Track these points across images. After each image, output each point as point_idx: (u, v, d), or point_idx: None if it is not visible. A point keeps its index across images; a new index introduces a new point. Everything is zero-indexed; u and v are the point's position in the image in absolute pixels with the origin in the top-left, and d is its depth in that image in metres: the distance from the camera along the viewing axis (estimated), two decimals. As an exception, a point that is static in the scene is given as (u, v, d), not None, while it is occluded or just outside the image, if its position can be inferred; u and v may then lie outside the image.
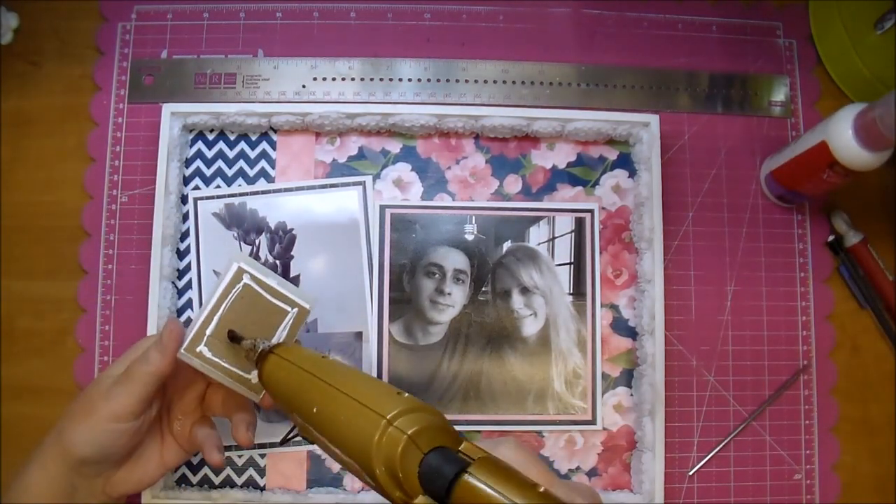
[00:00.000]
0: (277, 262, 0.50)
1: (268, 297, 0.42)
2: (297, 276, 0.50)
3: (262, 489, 0.48)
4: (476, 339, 0.50)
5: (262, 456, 0.49)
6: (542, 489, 0.23)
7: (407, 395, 0.28)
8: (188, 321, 0.50)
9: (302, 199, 0.51)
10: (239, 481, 0.48)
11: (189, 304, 0.50)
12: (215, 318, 0.41)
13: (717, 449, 0.51)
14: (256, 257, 0.50)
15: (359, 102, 0.52)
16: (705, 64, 0.55)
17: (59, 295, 0.51)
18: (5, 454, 0.48)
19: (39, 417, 0.42)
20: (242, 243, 0.51)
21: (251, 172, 0.52)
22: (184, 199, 0.51)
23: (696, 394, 0.51)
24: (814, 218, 0.54)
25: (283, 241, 0.51)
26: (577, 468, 0.50)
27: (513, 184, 0.52)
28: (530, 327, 0.51)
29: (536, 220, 0.52)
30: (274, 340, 0.41)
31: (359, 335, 0.50)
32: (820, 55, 0.55)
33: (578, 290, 0.51)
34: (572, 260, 0.51)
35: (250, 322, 0.41)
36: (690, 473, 0.50)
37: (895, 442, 0.52)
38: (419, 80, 0.53)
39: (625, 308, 0.51)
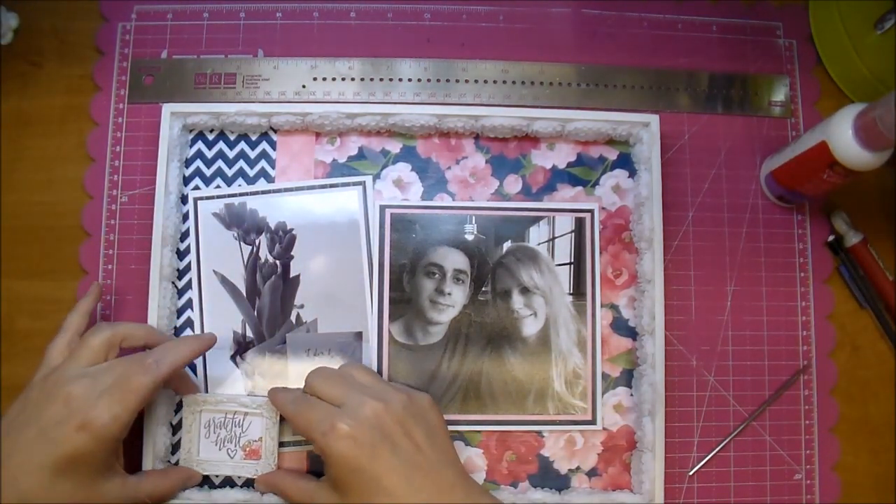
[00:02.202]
0: (277, 262, 0.50)
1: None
2: (297, 276, 0.50)
3: (262, 489, 0.48)
4: (476, 339, 0.50)
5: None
6: None
7: None
8: (187, 322, 0.50)
9: (302, 199, 0.51)
10: (239, 481, 0.48)
11: (189, 304, 0.50)
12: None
13: (717, 449, 0.51)
14: (257, 257, 0.50)
15: (359, 102, 0.52)
16: (705, 64, 0.55)
17: (59, 295, 0.51)
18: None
19: (39, 417, 0.42)
20: (242, 243, 0.51)
21: (251, 172, 0.52)
22: (184, 199, 0.51)
23: (696, 394, 0.51)
24: (814, 218, 0.54)
25: (283, 241, 0.51)
26: (577, 468, 0.50)
27: (513, 184, 0.52)
28: (530, 327, 0.51)
29: (536, 220, 0.52)
30: None
31: (359, 335, 0.50)
32: (820, 55, 0.55)
33: (578, 290, 0.51)
34: (572, 260, 0.52)
35: None
36: (690, 473, 0.50)
37: (895, 442, 0.52)
38: (419, 80, 0.53)
39: (625, 308, 0.51)
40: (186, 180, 0.51)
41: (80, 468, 0.39)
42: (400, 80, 0.53)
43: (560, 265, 0.51)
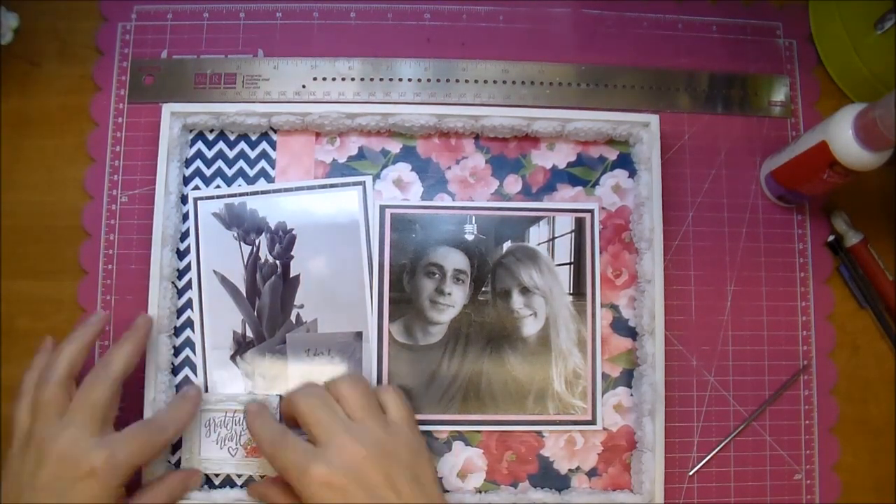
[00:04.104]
0: (277, 262, 0.50)
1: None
2: (297, 276, 0.50)
3: (262, 489, 0.48)
4: (476, 340, 0.50)
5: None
6: None
7: None
8: (187, 322, 0.50)
9: (302, 199, 0.51)
10: (239, 481, 0.48)
11: (189, 304, 0.50)
12: None
13: (717, 449, 0.51)
14: (257, 257, 0.50)
15: (359, 102, 0.52)
16: (705, 64, 0.55)
17: (59, 295, 0.51)
18: (5, 454, 0.48)
19: (39, 417, 0.42)
20: (242, 243, 0.51)
21: (251, 172, 0.52)
22: (184, 199, 0.51)
23: (696, 394, 0.51)
24: (814, 218, 0.54)
25: (283, 241, 0.51)
26: (577, 468, 0.50)
27: (513, 184, 0.52)
28: (530, 327, 0.51)
29: (536, 220, 0.52)
30: None
31: (359, 335, 0.50)
32: (820, 55, 0.55)
33: (578, 290, 0.51)
34: (572, 260, 0.52)
35: None
36: (690, 473, 0.50)
37: (895, 442, 0.52)
38: (419, 80, 0.53)
39: (625, 308, 0.51)
40: (186, 180, 0.51)
41: None
42: (400, 80, 0.53)
43: (560, 265, 0.51)
